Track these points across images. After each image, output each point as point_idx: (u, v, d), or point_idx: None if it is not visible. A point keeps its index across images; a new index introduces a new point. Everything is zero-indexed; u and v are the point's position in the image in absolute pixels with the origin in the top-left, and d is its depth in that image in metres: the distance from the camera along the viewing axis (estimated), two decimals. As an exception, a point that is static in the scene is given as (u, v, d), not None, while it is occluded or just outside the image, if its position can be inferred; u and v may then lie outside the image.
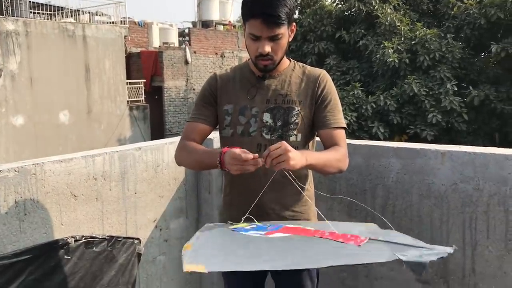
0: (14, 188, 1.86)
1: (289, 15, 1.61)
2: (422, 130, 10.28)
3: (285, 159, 1.43)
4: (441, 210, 2.12)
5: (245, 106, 1.74)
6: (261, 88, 1.74)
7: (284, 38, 1.65)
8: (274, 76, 1.75)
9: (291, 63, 1.80)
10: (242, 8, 1.64)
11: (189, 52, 18.12)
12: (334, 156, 1.67)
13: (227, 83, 1.80)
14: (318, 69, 1.80)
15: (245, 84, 1.77)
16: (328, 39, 12.19)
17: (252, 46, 1.66)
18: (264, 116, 1.72)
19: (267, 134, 1.71)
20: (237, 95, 1.76)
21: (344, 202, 2.40)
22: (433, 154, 2.13)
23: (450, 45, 10.64)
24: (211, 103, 1.81)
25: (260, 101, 1.74)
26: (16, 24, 12.95)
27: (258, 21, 1.59)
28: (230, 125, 1.76)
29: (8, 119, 12.88)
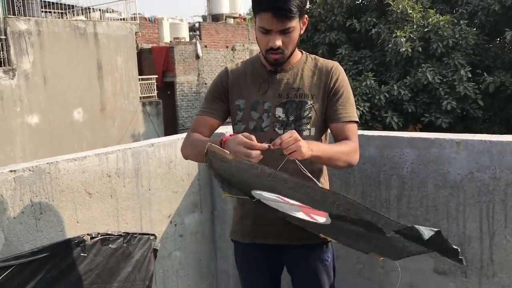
0: (29, 188, 1.88)
1: (300, 8, 1.58)
2: (437, 118, 10.16)
3: (296, 149, 1.42)
4: (457, 199, 2.10)
5: (257, 101, 1.72)
6: (273, 82, 1.72)
7: (295, 31, 1.61)
8: (285, 69, 1.73)
9: (303, 55, 1.77)
10: (253, 0, 1.62)
11: (200, 47, 18.12)
12: (342, 150, 1.64)
13: (239, 78, 1.78)
14: (331, 61, 1.77)
15: (256, 79, 1.75)
16: (339, 29, 12.07)
17: (263, 39, 1.63)
18: (277, 111, 1.70)
19: (279, 129, 1.69)
20: (248, 90, 1.74)
21: (357, 193, 2.39)
22: (448, 143, 2.10)
23: (463, 31, 10.47)
24: (221, 97, 1.79)
25: (272, 95, 1.72)
26: (28, 24, 13.07)
27: (268, 15, 1.56)
28: (242, 120, 1.74)
29: (23, 119, 13.04)
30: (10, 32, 12.68)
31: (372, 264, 2.37)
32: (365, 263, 2.40)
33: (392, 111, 10.37)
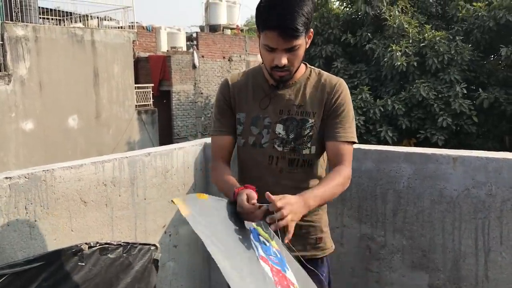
0: (24, 195, 1.87)
1: (307, 25, 1.52)
2: (432, 135, 10.20)
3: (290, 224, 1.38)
4: (453, 215, 2.10)
5: (257, 116, 1.69)
6: (275, 97, 1.68)
7: (301, 48, 1.56)
8: (288, 84, 1.68)
9: (307, 69, 1.73)
10: (257, 17, 1.55)
11: (197, 56, 18.17)
12: (335, 184, 1.59)
13: (240, 89, 1.74)
14: (335, 78, 1.72)
15: (258, 93, 1.71)
16: (336, 42, 12.16)
17: (268, 57, 1.57)
18: (277, 128, 1.67)
19: (279, 146, 1.67)
20: (249, 103, 1.71)
21: (353, 207, 2.39)
22: (445, 159, 2.11)
23: (459, 47, 10.57)
24: (228, 112, 1.75)
25: (273, 111, 1.68)
26: (25, 30, 13.06)
27: (274, 34, 1.50)
28: (242, 134, 1.72)
29: (18, 124, 12.97)
30: (7, 38, 12.66)
31: (367, 279, 2.37)
32: (360, 277, 2.39)
33: (387, 126, 10.41)
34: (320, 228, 1.76)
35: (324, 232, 1.78)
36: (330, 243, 1.81)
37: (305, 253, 1.73)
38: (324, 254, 1.78)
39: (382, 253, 2.30)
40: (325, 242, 1.78)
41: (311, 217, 1.74)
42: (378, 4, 11.75)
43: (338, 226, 2.43)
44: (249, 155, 1.71)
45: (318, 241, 1.76)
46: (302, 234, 1.71)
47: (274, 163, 1.67)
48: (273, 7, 1.50)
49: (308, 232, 1.73)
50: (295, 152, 1.66)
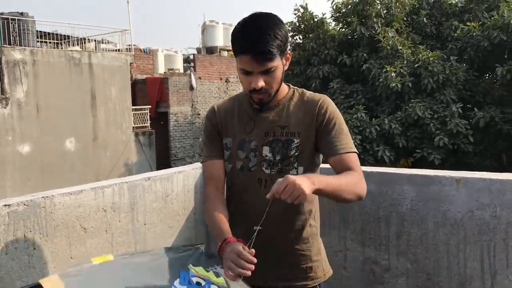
0: (23, 222, 1.84)
1: (281, 47, 1.53)
2: (429, 154, 10.22)
3: (299, 193, 1.34)
4: (457, 238, 2.08)
5: (243, 140, 1.68)
6: (259, 120, 1.67)
7: (278, 70, 1.56)
8: (271, 106, 1.68)
9: (290, 90, 1.72)
10: (232, 42, 1.57)
11: (194, 78, 18.26)
12: (348, 180, 1.53)
13: (226, 115, 1.74)
14: (318, 95, 1.70)
15: (242, 117, 1.71)
16: (332, 62, 12.26)
17: (245, 80, 1.58)
18: (264, 150, 1.65)
19: (267, 168, 1.65)
20: (235, 128, 1.71)
21: (356, 230, 2.36)
22: (448, 180, 2.10)
23: (454, 67, 10.67)
24: (217, 137, 1.75)
25: (258, 134, 1.67)
26: (23, 53, 13.13)
27: (248, 57, 1.51)
28: (229, 159, 1.71)
29: (14, 147, 12.93)
30: (4, 62, 12.72)
31: (371, 303, 2.33)
32: (364, 302, 2.35)
33: (384, 145, 10.43)
34: (310, 257, 1.72)
35: (314, 261, 1.73)
36: (322, 272, 1.75)
37: (296, 283, 1.69)
38: (315, 284, 1.74)
39: (386, 277, 2.27)
40: (316, 271, 1.73)
41: (301, 245, 1.70)
42: (373, 25, 11.90)
43: (341, 250, 2.40)
44: (237, 180, 1.69)
45: (309, 271, 1.72)
46: (291, 263, 1.67)
47: (263, 186, 1.65)
48: (245, 32, 1.53)
49: (298, 261, 1.70)
50: (282, 173, 1.62)
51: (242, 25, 1.55)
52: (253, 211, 1.59)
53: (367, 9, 12.18)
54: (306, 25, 13.18)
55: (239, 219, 1.66)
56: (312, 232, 1.72)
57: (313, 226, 1.73)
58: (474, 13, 12.12)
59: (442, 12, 13.23)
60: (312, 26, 13.15)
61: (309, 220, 1.71)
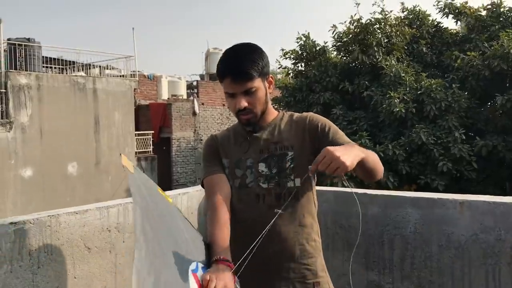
0: (29, 241, 1.84)
1: (259, 70, 1.64)
2: (432, 180, 10.19)
3: (339, 165, 1.35)
4: (462, 261, 2.07)
5: (239, 159, 1.74)
6: (253, 140, 1.75)
7: (259, 91, 1.67)
8: (263, 127, 1.76)
9: (280, 113, 1.82)
10: (216, 71, 1.71)
11: (197, 104, 18.40)
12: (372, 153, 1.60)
13: (225, 140, 1.82)
14: (305, 113, 1.80)
15: (238, 139, 1.79)
16: (334, 89, 12.37)
17: (231, 103, 1.69)
18: (260, 166, 1.71)
19: (263, 183, 1.69)
20: (232, 149, 1.78)
21: (361, 253, 2.35)
22: (452, 203, 2.10)
23: (456, 95, 10.75)
24: (217, 157, 1.79)
25: (253, 152, 1.74)
26: (28, 78, 13.28)
27: (228, 80, 1.64)
28: (228, 178, 1.75)
29: (17, 171, 12.94)
30: (10, 86, 12.85)
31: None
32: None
33: (387, 171, 10.41)
34: (316, 273, 1.73)
35: (321, 276, 1.74)
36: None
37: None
38: None
39: (391, 301, 2.25)
40: (323, 287, 1.73)
41: (307, 260, 1.70)
42: (374, 53, 12.04)
43: (345, 273, 2.38)
44: (236, 198, 1.72)
45: (316, 286, 1.72)
46: (298, 278, 1.68)
47: (261, 200, 1.68)
48: (225, 59, 1.68)
49: (304, 276, 1.70)
50: (280, 186, 1.68)
51: (223, 55, 1.71)
52: (253, 228, 1.61)
53: (368, 38, 12.35)
54: (308, 53, 13.35)
55: (240, 236, 1.66)
56: (316, 247, 1.74)
57: (317, 241, 1.75)
58: (475, 43, 12.27)
59: (443, 41, 13.40)
60: (314, 54, 13.32)
61: (312, 234, 1.73)
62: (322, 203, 2.47)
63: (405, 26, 12.93)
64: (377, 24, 12.64)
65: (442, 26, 13.86)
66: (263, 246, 1.65)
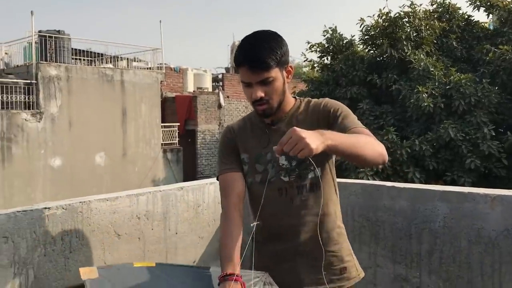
0: (61, 226, 1.89)
1: (278, 57, 1.60)
2: (459, 177, 10.00)
3: (303, 146, 1.31)
4: (492, 257, 2.04)
5: (259, 154, 1.73)
6: (272, 133, 1.72)
7: (276, 81, 1.62)
8: (281, 118, 1.73)
9: (296, 101, 1.77)
10: (233, 59, 1.67)
11: (222, 97, 18.46)
12: (367, 139, 1.51)
13: (242, 132, 1.80)
14: (322, 99, 1.76)
15: (256, 132, 1.76)
16: (360, 83, 12.23)
17: (247, 92, 1.66)
18: (280, 160, 1.69)
19: (285, 176, 1.68)
20: (251, 143, 1.76)
21: (387, 247, 2.34)
22: (482, 198, 2.06)
23: (486, 90, 10.49)
24: (234, 151, 1.78)
25: (273, 145, 1.64)
26: (58, 70, 13.55)
27: (244, 68, 1.60)
28: (248, 174, 1.74)
29: (46, 161, 13.26)
30: (41, 77, 13.15)
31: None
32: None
33: (414, 167, 10.27)
34: (341, 258, 1.73)
35: (346, 261, 1.75)
36: (356, 272, 1.77)
37: (332, 285, 1.70)
38: (350, 284, 1.74)
39: (418, 295, 2.23)
40: (350, 271, 1.74)
41: (332, 247, 1.71)
42: (403, 47, 11.86)
43: (371, 266, 2.37)
44: (259, 193, 1.71)
45: (343, 271, 1.73)
46: (325, 265, 1.68)
47: (284, 194, 1.68)
48: (243, 46, 1.63)
49: (331, 263, 1.71)
50: (301, 178, 1.67)
51: (241, 42, 1.67)
52: (278, 222, 1.66)
53: (397, 32, 12.16)
54: (335, 46, 13.23)
55: (266, 231, 1.69)
56: (341, 233, 1.75)
57: (341, 227, 1.76)
58: (508, 37, 11.96)
59: (473, 35, 13.10)
60: (340, 47, 13.19)
61: (337, 221, 1.75)
62: (349, 195, 2.46)
63: (434, 20, 12.68)
64: (406, 17, 12.43)
65: (473, 19, 13.54)
66: (289, 236, 1.67)
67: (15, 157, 12.70)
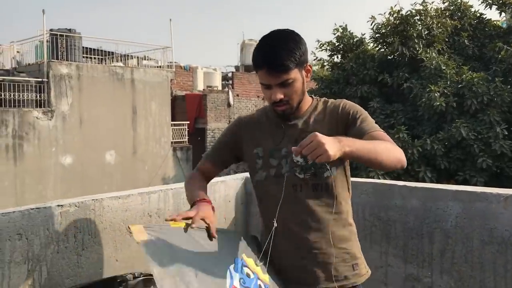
0: (74, 223, 1.91)
1: (296, 60, 1.59)
2: (471, 177, 9.92)
3: (322, 152, 1.33)
4: (505, 257, 2.02)
5: (274, 148, 1.73)
6: (288, 129, 1.72)
7: (296, 82, 1.62)
8: (298, 116, 1.73)
9: (313, 101, 1.77)
10: (252, 60, 1.66)
11: (232, 95, 18.49)
12: (385, 145, 1.52)
13: (253, 126, 1.80)
14: (339, 100, 1.76)
15: (272, 127, 1.76)
16: (371, 82, 12.17)
17: (266, 94, 1.66)
18: (294, 156, 1.68)
19: (300, 173, 1.68)
20: (265, 137, 1.76)
21: (399, 246, 2.33)
22: (495, 197, 2.05)
23: (498, 88, 10.39)
24: (228, 146, 1.84)
25: (288, 141, 1.71)
26: (69, 68, 13.65)
27: (263, 71, 1.59)
28: (263, 167, 1.74)
29: (57, 159, 13.37)
30: (52, 75, 13.26)
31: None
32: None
33: (425, 166, 10.20)
34: (354, 255, 1.74)
35: (358, 258, 1.76)
36: (365, 269, 1.78)
37: (346, 282, 1.70)
38: (361, 281, 1.75)
39: (429, 295, 2.22)
40: (360, 268, 1.75)
41: (345, 244, 1.72)
42: (414, 45, 11.78)
43: (382, 266, 2.37)
44: (273, 187, 1.71)
45: (355, 268, 1.74)
46: (338, 263, 1.69)
47: (299, 190, 1.68)
48: (261, 48, 1.62)
49: (344, 259, 1.71)
50: (316, 177, 1.67)
51: (259, 42, 1.65)
52: (292, 218, 1.66)
53: (408, 30, 12.08)
54: (345, 44, 13.17)
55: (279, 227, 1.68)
56: (352, 231, 1.77)
57: (352, 225, 1.78)
58: (520, 35, 11.85)
59: (485, 33, 12.97)
60: (351, 45, 13.13)
61: (348, 219, 1.76)
62: (360, 194, 2.45)
63: (446, 18, 12.58)
64: (418, 15, 12.33)
65: (485, 17, 13.41)
66: (302, 234, 1.67)
67: (26, 155, 12.82)
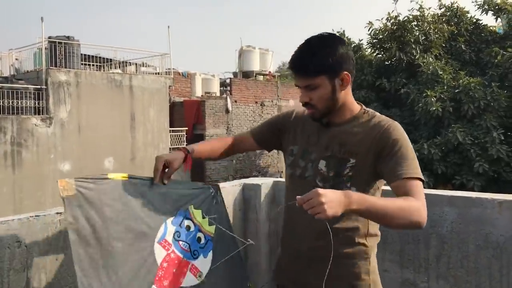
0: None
1: (325, 65, 1.56)
2: (468, 181, 9.97)
3: (319, 211, 1.31)
4: (500, 262, 2.04)
5: (306, 150, 1.74)
6: (323, 134, 1.71)
7: (322, 88, 1.59)
8: (337, 124, 1.69)
9: (360, 111, 1.70)
10: None
11: (230, 101, 18.54)
12: (404, 204, 1.44)
13: (298, 123, 1.82)
14: (386, 119, 1.65)
15: (310, 129, 1.76)
16: (369, 87, 12.26)
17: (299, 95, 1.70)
18: (320, 163, 1.68)
19: (320, 181, 1.67)
20: (303, 137, 1.77)
21: (395, 251, 2.34)
22: (490, 203, 2.07)
23: (495, 93, 10.46)
24: (274, 130, 1.89)
25: (319, 147, 1.71)
26: (68, 75, 13.69)
27: (292, 72, 1.65)
28: (291, 165, 1.77)
29: (56, 165, 13.37)
30: (50, 82, 13.30)
31: (410, 327, 2.29)
32: (402, 325, 2.32)
33: (423, 171, 10.22)
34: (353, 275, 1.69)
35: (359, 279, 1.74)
36: None
37: None
38: None
39: (426, 300, 2.24)
40: None
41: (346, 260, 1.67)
42: (412, 51, 11.86)
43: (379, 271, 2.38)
44: (295, 186, 1.73)
45: None
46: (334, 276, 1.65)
47: None
48: (296, 50, 1.64)
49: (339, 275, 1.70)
50: (334, 189, 1.64)
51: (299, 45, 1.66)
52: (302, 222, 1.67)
53: (406, 35, 12.17)
54: (343, 50, 13.24)
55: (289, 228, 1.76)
56: (360, 250, 1.68)
57: (363, 244, 1.68)
58: (516, 39, 11.94)
59: (482, 39, 13.07)
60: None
61: (356, 238, 1.67)
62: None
63: (443, 23, 12.68)
64: (415, 21, 12.44)
65: (481, 23, 13.51)
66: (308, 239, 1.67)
67: (25, 162, 12.82)
